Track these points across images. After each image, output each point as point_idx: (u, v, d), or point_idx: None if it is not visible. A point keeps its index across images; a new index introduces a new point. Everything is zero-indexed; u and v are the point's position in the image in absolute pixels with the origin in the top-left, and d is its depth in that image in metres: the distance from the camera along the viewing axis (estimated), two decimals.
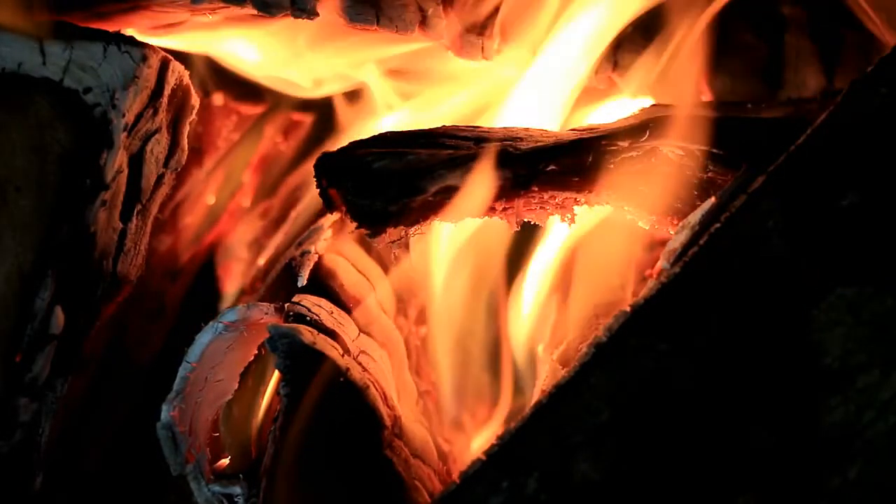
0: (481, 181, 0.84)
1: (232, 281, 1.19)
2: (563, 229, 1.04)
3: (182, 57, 1.00)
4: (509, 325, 1.13)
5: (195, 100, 0.98)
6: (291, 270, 0.97)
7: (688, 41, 0.98)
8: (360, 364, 0.89)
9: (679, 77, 1.00)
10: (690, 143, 0.86)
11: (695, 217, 0.80)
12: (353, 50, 1.09)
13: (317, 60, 1.11)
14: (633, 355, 0.68)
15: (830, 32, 1.04)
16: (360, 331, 0.93)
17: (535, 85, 1.04)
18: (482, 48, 1.02)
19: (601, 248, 1.02)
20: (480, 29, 1.01)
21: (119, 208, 0.92)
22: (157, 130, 0.94)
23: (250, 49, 1.09)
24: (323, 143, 1.20)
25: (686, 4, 0.99)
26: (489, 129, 0.91)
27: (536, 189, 0.85)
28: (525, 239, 1.13)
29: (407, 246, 1.05)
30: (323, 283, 0.95)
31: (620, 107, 1.04)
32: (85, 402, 1.11)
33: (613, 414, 0.67)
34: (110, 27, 0.95)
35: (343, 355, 0.87)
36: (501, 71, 1.05)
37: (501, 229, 1.10)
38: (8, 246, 0.87)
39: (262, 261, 1.15)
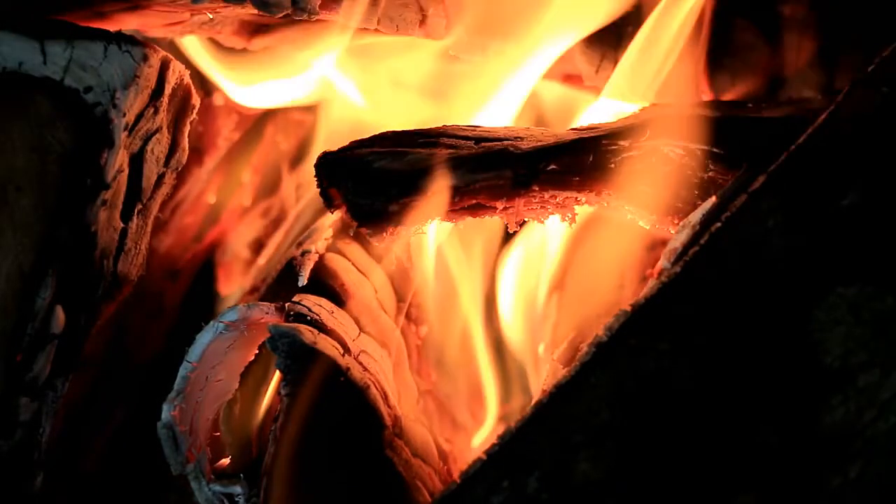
0: (481, 180, 0.84)
1: (232, 280, 1.19)
2: (563, 228, 1.05)
3: (183, 56, 1.00)
4: (510, 324, 1.13)
5: (196, 99, 0.98)
6: (292, 270, 0.97)
7: (688, 41, 0.98)
8: (360, 364, 0.89)
9: (679, 76, 1.00)
10: (691, 142, 0.86)
11: (695, 216, 0.80)
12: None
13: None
14: (633, 355, 0.68)
15: (830, 32, 1.04)
16: (361, 330, 0.93)
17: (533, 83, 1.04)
18: (483, 47, 1.02)
19: (602, 248, 1.03)
20: (482, 28, 1.01)
21: (119, 208, 0.92)
22: (158, 130, 0.94)
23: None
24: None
25: (686, 4, 0.99)
26: (490, 128, 0.91)
27: (537, 188, 0.85)
28: (525, 238, 1.14)
29: (408, 245, 1.05)
30: (323, 283, 0.95)
31: (621, 106, 1.04)
32: (85, 402, 1.11)
33: (614, 413, 0.67)
34: (111, 27, 0.95)
35: (343, 355, 0.87)
36: (501, 69, 1.05)
37: (501, 228, 1.10)
38: (8, 245, 0.87)
39: (262, 260, 1.15)
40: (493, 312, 1.14)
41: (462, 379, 1.14)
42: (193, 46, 1.11)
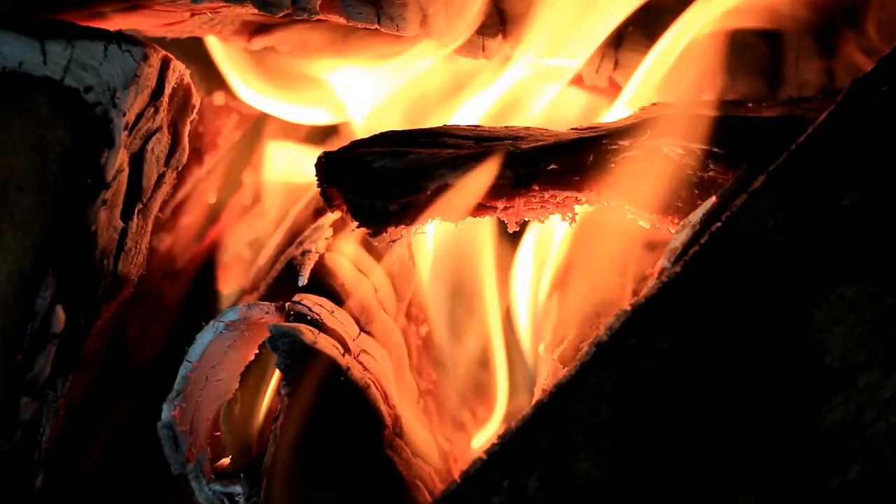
0: (482, 180, 0.84)
1: (232, 280, 1.19)
2: (563, 228, 1.05)
3: (183, 56, 1.00)
4: (510, 324, 1.13)
5: (196, 99, 0.98)
6: (292, 270, 0.97)
7: (690, 40, 0.98)
8: (360, 363, 0.89)
9: (680, 76, 1.00)
10: (691, 142, 0.86)
11: (696, 216, 0.80)
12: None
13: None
14: (633, 354, 0.68)
15: (831, 31, 1.04)
16: (361, 330, 0.93)
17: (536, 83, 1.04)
18: (483, 47, 1.02)
19: (602, 247, 1.03)
20: (482, 28, 1.01)
21: (120, 207, 0.92)
22: (158, 129, 0.94)
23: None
24: (324, 143, 1.20)
25: (688, 4, 0.99)
26: (490, 128, 0.91)
27: (537, 188, 0.85)
28: (524, 238, 1.14)
29: (408, 245, 1.05)
30: (324, 283, 0.95)
31: (621, 106, 1.04)
32: (85, 402, 1.10)
33: (614, 413, 0.67)
34: (111, 26, 0.95)
35: (344, 354, 0.87)
36: (503, 69, 1.05)
37: (501, 228, 1.10)
38: (9, 245, 0.87)
39: (262, 260, 1.15)
40: (495, 311, 1.14)
41: (463, 378, 1.15)
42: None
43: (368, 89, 1.13)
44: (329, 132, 1.23)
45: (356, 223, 0.84)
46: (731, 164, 0.85)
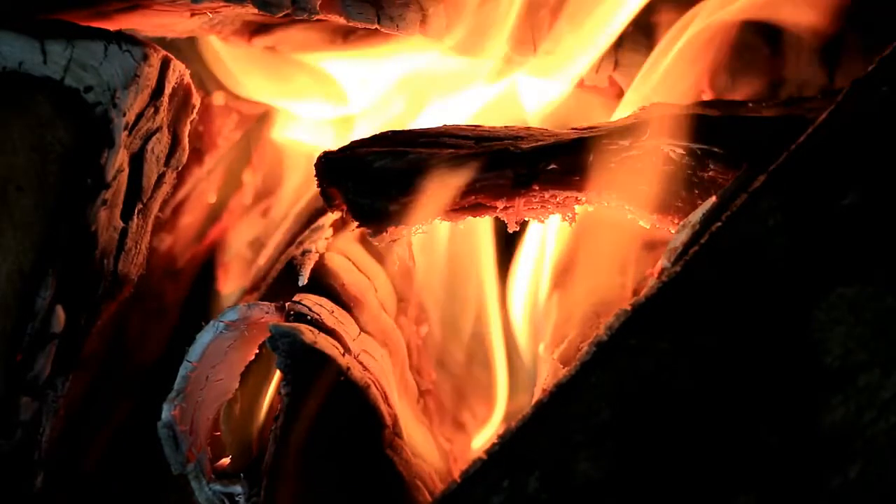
0: (482, 180, 0.84)
1: (233, 280, 1.19)
2: (563, 228, 1.05)
3: (183, 56, 1.00)
4: (510, 323, 1.13)
5: (196, 99, 0.99)
6: (292, 270, 0.97)
7: (690, 41, 0.98)
8: (360, 363, 0.89)
9: (680, 76, 1.00)
10: (691, 142, 0.86)
11: (696, 216, 0.80)
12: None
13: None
14: (634, 354, 0.68)
15: (831, 31, 1.04)
16: (361, 330, 0.93)
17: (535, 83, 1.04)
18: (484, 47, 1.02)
19: (602, 247, 1.03)
20: (484, 28, 1.01)
21: (120, 207, 0.92)
22: (158, 129, 0.94)
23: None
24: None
25: (688, 4, 0.99)
26: (490, 128, 0.91)
27: (537, 188, 0.85)
28: (524, 237, 1.14)
29: (408, 245, 1.05)
30: (324, 283, 0.95)
31: (621, 105, 1.04)
32: (85, 401, 1.11)
33: (614, 413, 0.66)
34: (111, 26, 0.95)
35: (344, 354, 0.87)
36: (504, 69, 1.06)
37: (501, 228, 1.10)
38: (9, 245, 0.87)
39: (262, 260, 1.15)
40: (495, 310, 1.14)
41: (463, 378, 1.15)
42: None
43: (369, 84, 1.13)
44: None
45: (356, 223, 0.84)
46: (731, 164, 0.85)
